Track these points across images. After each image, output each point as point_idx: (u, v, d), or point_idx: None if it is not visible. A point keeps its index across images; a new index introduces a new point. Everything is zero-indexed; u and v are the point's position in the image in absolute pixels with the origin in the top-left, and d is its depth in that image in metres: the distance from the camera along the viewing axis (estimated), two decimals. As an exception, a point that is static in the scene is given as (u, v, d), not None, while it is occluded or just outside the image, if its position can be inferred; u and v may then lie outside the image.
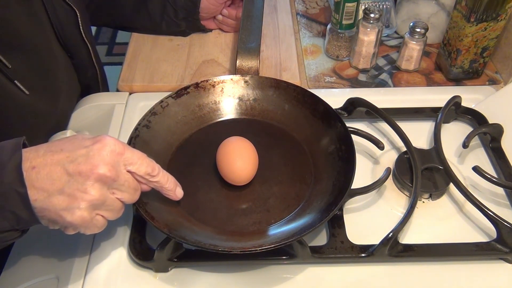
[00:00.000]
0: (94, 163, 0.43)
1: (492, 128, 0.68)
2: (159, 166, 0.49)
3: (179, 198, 0.53)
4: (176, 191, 0.52)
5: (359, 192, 0.59)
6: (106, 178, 0.44)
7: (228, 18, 0.88)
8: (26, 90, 0.62)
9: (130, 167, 0.46)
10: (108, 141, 0.45)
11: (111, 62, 2.07)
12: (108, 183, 0.45)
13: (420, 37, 0.77)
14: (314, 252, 0.55)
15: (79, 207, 0.44)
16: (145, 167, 0.47)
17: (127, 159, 0.46)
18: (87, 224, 0.45)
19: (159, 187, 0.50)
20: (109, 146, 0.45)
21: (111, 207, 0.46)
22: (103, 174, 0.44)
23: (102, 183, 0.44)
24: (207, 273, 0.56)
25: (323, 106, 0.65)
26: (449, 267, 0.56)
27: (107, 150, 0.44)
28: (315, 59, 0.85)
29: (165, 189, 0.51)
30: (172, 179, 0.51)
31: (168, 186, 0.50)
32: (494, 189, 0.63)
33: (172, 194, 0.52)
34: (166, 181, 0.50)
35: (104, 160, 0.44)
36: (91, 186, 0.44)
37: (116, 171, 0.45)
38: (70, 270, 0.55)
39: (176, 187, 0.52)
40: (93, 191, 0.44)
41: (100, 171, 0.43)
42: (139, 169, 0.47)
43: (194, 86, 0.67)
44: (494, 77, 0.81)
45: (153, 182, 0.49)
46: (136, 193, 0.48)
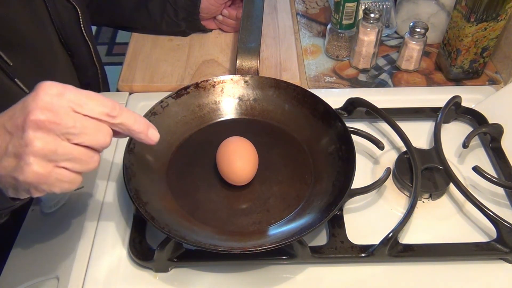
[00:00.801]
0: (27, 111, 0.39)
1: (492, 128, 0.68)
2: (121, 105, 0.43)
3: (154, 141, 0.46)
4: (149, 133, 0.45)
5: (359, 192, 0.59)
6: (44, 123, 0.39)
7: (228, 18, 0.88)
8: (26, 89, 0.62)
9: (78, 109, 0.40)
10: (44, 85, 0.40)
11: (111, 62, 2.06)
12: (52, 129, 0.39)
13: (420, 37, 0.77)
14: (314, 252, 0.55)
15: (26, 162, 0.39)
16: (100, 107, 0.41)
17: (71, 100, 0.40)
18: (46, 180, 0.40)
19: (126, 130, 0.44)
20: (45, 90, 0.40)
21: (71, 155, 0.41)
22: (37, 119, 0.39)
23: (45, 131, 0.39)
24: (207, 273, 0.56)
25: (323, 106, 0.65)
26: (449, 267, 0.56)
27: (41, 95, 0.40)
28: (315, 59, 0.85)
29: (134, 132, 0.44)
30: (142, 120, 0.45)
31: (137, 127, 0.44)
32: (494, 189, 0.63)
33: (144, 137, 0.45)
34: (134, 122, 0.44)
35: (38, 105, 0.39)
36: (32, 136, 0.39)
37: (56, 114, 0.39)
38: (70, 270, 0.55)
39: (149, 129, 0.45)
40: (35, 141, 0.39)
41: (33, 117, 0.39)
42: (92, 109, 0.41)
43: (194, 86, 0.67)
44: (494, 77, 0.81)
45: (116, 124, 0.43)
46: (100, 133, 0.42)
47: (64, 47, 0.73)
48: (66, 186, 0.42)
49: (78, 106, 0.41)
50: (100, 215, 0.60)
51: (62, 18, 0.70)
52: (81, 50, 0.76)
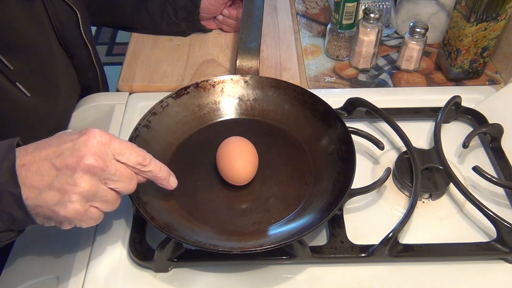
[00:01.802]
0: (80, 154, 0.43)
1: (492, 128, 0.68)
2: (150, 155, 0.49)
3: (173, 187, 0.52)
4: (170, 180, 0.51)
5: (359, 192, 0.59)
6: (94, 168, 0.43)
7: (229, 18, 0.88)
8: (27, 92, 0.62)
9: (119, 157, 0.46)
10: (94, 132, 0.45)
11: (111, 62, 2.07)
12: (97, 174, 0.44)
13: (420, 37, 0.77)
14: (314, 252, 0.55)
15: (71, 200, 0.43)
16: (135, 157, 0.47)
17: (115, 149, 0.45)
18: (81, 217, 0.45)
19: (152, 177, 0.50)
20: (95, 138, 0.44)
21: (105, 198, 0.46)
22: (90, 165, 0.43)
23: (91, 174, 0.44)
24: (207, 273, 0.56)
25: (323, 106, 0.65)
26: (449, 267, 0.56)
27: (93, 141, 0.44)
28: (315, 59, 0.85)
29: (158, 179, 0.50)
30: (165, 168, 0.51)
31: (162, 175, 0.50)
32: (494, 189, 0.63)
33: (166, 184, 0.51)
34: (159, 170, 0.50)
35: (90, 151, 0.44)
36: (80, 178, 0.43)
37: (104, 161, 0.44)
38: (70, 270, 0.55)
39: (170, 176, 0.51)
40: (82, 182, 0.43)
41: (87, 161, 0.43)
42: (129, 158, 0.46)
43: (194, 86, 0.67)
44: (494, 77, 0.81)
45: (146, 171, 0.48)
46: (131, 182, 0.47)
47: (63, 49, 0.73)
48: (91, 223, 0.47)
49: (119, 155, 0.46)
50: (100, 215, 0.60)
51: (62, 20, 0.70)
52: (81, 52, 0.76)
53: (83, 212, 0.45)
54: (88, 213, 0.45)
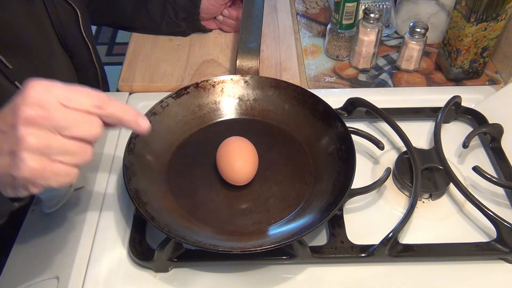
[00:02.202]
0: (17, 108, 0.40)
1: (492, 128, 0.68)
2: (110, 97, 0.44)
3: (144, 129, 0.47)
4: (139, 122, 0.46)
5: (359, 192, 0.59)
6: (34, 119, 0.40)
7: (229, 19, 0.88)
8: None
9: (66, 102, 0.41)
10: (30, 83, 0.41)
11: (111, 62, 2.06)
12: (43, 124, 0.40)
13: (420, 37, 0.77)
14: (314, 252, 0.55)
15: (21, 158, 0.40)
16: (86, 99, 0.42)
17: (58, 94, 0.41)
18: (42, 174, 0.41)
19: (117, 121, 0.44)
20: (32, 88, 0.41)
21: (66, 149, 0.41)
22: (28, 116, 0.40)
23: (36, 126, 0.40)
24: (207, 273, 0.56)
25: (323, 106, 0.65)
26: (449, 267, 0.56)
27: (30, 92, 0.40)
28: (315, 59, 0.85)
29: (125, 122, 0.45)
30: (131, 109, 0.46)
31: (128, 118, 0.45)
32: (494, 189, 0.63)
33: (135, 126, 0.46)
34: (123, 112, 0.44)
35: (27, 102, 0.40)
36: (23, 132, 0.39)
37: (47, 109, 0.40)
38: (70, 270, 0.55)
39: (138, 118, 0.46)
40: (28, 137, 0.39)
41: (23, 113, 0.39)
42: (79, 102, 0.42)
43: (194, 86, 0.67)
44: (494, 77, 0.81)
45: (106, 115, 0.43)
46: (91, 126, 0.42)
47: (64, 48, 0.73)
48: (62, 180, 0.42)
49: (66, 100, 0.41)
50: (100, 215, 0.60)
51: (62, 19, 0.70)
52: (81, 51, 0.76)
53: (41, 169, 0.41)
54: (50, 168, 0.41)
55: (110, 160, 0.66)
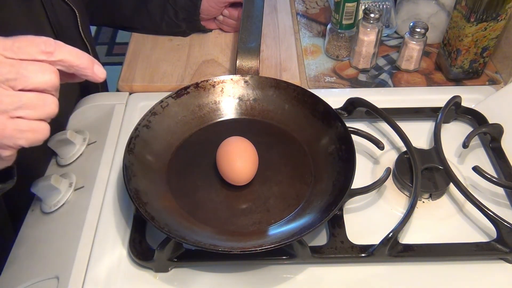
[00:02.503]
0: None
1: (492, 128, 0.68)
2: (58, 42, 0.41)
3: (100, 77, 0.44)
4: (94, 70, 0.43)
5: (359, 192, 0.59)
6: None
7: (229, 19, 0.88)
8: None
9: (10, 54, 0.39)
10: None
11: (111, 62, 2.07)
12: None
13: (420, 37, 0.77)
14: (314, 252, 0.55)
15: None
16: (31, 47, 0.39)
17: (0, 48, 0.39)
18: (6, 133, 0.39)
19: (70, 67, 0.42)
20: None
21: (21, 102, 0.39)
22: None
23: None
24: (207, 273, 0.56)
25: (323, 106, 0.65)
26: (449, 267, 0.56)
27: None
28: (315, 59, 0.85)
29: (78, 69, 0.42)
30: (85, 56, 0.43)
31: (80, 63, 0.42)
32: (494, 189, 0.63)
33: (91, 73, 0.43)
34: (76, 57, 0.42)
35: None
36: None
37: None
38: (70, 270, 0.55)
39: (94, 65, 0.43)
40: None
41: None
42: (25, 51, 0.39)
43: (194, 86, 0.67)
44: (494, 77, 0.81)
45: (57, 61, 0.41)
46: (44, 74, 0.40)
47: None
48: (30, 136, 0.41)
49: (9, 51, 0.39)
50: (100, 215, 0.60)
51: (60, 20, 0.70)
52: None
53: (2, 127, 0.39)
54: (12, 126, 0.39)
55: (110, 160, 0.66)
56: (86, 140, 0.68)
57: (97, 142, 0.69)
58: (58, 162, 0.67)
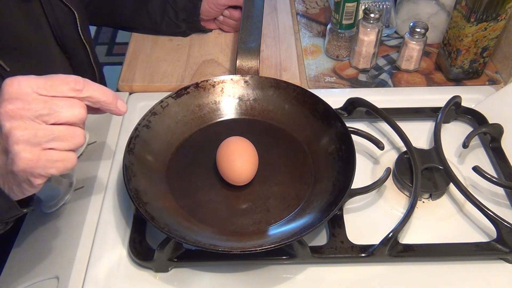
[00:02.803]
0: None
1: (492, 128, 0.68)
2: (86, 80, 0.45)
3: (123, 112, 0.48)
4: (118, 105, 0.47)
5: (359, 192, 0.59)
6: (14, 112, 0.41)
7: (229, 19, 0.88)
8: None
9: (42, 91, 0.42)
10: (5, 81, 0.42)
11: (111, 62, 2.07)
12: (24, 115, 0.41)
13: (420, 37, 0.77)
14: (314, 252, 0.55)
15: (14, 152, 0.41)
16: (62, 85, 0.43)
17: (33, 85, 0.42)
18: (37, 164, 0.42)
19: (96, 103, 0.45)
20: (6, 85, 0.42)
21: (53, 135, 0.42)
22: (8, 110, 0.41)
23: (18, 119, 0.41)
24: (207, 273, 0.56)
25: (323, 106, 0.65)
26: (449, 267, 0.56)
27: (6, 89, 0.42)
28: (315, 59, 0.85)
29: (104, 104, 0.46)
30: (110, 92, 0.46)
31: (106, 99, 0.46)
32: (494, 189, 0.63)
33: (115, 109, 0.47)
34: (102, 94, 0.45)
35: (4, 98, 0.41)
36: (8, 126, 0.41)
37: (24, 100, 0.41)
38: (70, 270, 0.55)
39: (117, 100, 0.47)
40: (13, 131, 0.41)
41: (3, 109, 0.41)
42: (56, 89, 0.42)
43: (194, 86, 0.67)
44: (494, 77, 0.81)
45: (85, 98, 0.44)
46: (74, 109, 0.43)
47: (61, 50, 0.73)
48: (60, 165, 0.43)
49: (42, 89, 0.42)
50: (100, 215, 0.60)
51: (60, 21, 0.70)
52: (79, 52, 0.76)
53: (36, 158, 0.42)
54: (44, 157, 0.42)
55: (110, 160, 0.66)
56: (86, 140, 0.68)
57: (97, 142, 0.69)
58: (58, 162, 0.67)
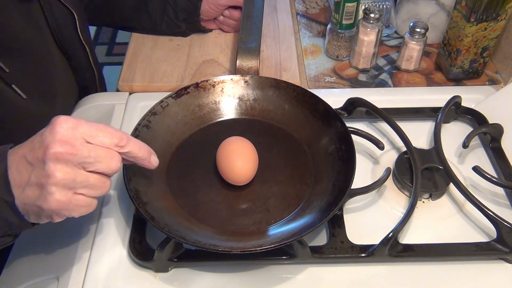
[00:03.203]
0: (46, 144, 0.43)
1: (492, 128, 0.68)
2: (128, 135, 0.47)
3: (154, 166, 0.51)
4: (151, 160, 0.51)
5: (359, 192, 0.59)
6: (62, 155, 0.42)
7: (229, 19, 0.88)
8: (24, 94, 0.62)
9: (91, 140, 0.44)
10: (59, 120, 0.44)
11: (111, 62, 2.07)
12: (69, 160, 0.43)
13: (420, 37, 0.77)
14: (314, 252, 0.55)
15: (49, 192, 0.43)
16: (109, 138, 0.45)
17: (84, 132, 0.44)
18: (67, 206, 0.44)
19: (132, 158, 0.48)
20: (60, 124, 0.43)
21: (88, 182, 0.44)
22: (57, 152, 0.42)
23: (63, 162, 0.43)
24: (207, 273, 0.56)
25: (323, 106, 0.65)
26: (449, 267, 0.56)
27: (58, 129, 0.43)
28: (315, 59, 0.85)
29: (139, 159, 0.49)
30: (145, 148, 0.50)
31: (142, 155, 0.49)
32: (494, 189, 0.63)
33: (148, 163, 0.50)
34: (139, 150, 0.48)
35: (55, 138, 0.43)
36: (52, 167, 0.42)
37: (73, 146, 0.43)
38: (70, 270, 0.55)
39: (151, 156, 0.51)
40: (56, 172, 0.42)
41: (52, 150, 0.42)
42: (103, 140, 0.45)
43: (194, 86, 0.67)
44: (494, 77, 0.81)
45: (124, 152, 0.47)
46: (112, 161, 0.46)
47: (61, 51, 0.73)
48: (83, 210, 0.46)
49: (90, 137, 0.44)
50: (100, 215, 0.60)
51: (59, 22, 0.70)
52: (78, 53, 0.76)
53: (67, 201, 0.44)
54: (74, 201, 0.44)
55: (110, 160, 0.66)
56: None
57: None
58: (58, 162, 0.67)
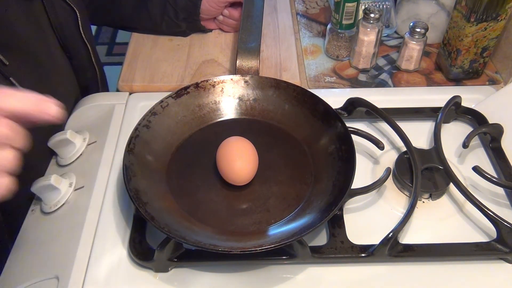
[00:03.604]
0: None
1: (492, 128, 0.68)
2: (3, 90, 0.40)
3: (55, 116, 0.42)
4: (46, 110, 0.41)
5: (359, 192, 0.59)
6: None
7: (229, 19, 0.88)
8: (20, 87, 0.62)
9: None
10: None
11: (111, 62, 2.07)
12: None
13: (420, 37, 0.77)
14: (314, 252, 0.55)
15: None
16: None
17: None
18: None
19: (20, 117, 0.40)
20: None
21: None
22: None
23: None
24: (207, 273, 0.56)
25: (323, 106, 0.65)
26: (449, 267, 0.56)
27: None
28: (315, 59, 0.85)
29: (29, 115, 0.40)
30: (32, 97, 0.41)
31: (30, 108, 0.40)
32: (494, 189, 0.63)
33: (44, 115, 0.41)
34: (24, 103, 0.40)
35: None
36: None
37: None
38: (70, 270, 0.55)
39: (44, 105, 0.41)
40: None
41: None
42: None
43: (194, 86, 0.67)
44: (494, 77, 0.81)
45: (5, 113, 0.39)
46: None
47: (62, 49, 0.73)
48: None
49: None
50: (100, 215, 0.60)
51: (61, 20, 0.70)
52: (80, 52, 0.76)
53: None
54: None
55: (110, 160, 0.66)
56: (86, 140, 0.68)
57: (97, 142, 0.69)
58: (58, 162, 0.67)
